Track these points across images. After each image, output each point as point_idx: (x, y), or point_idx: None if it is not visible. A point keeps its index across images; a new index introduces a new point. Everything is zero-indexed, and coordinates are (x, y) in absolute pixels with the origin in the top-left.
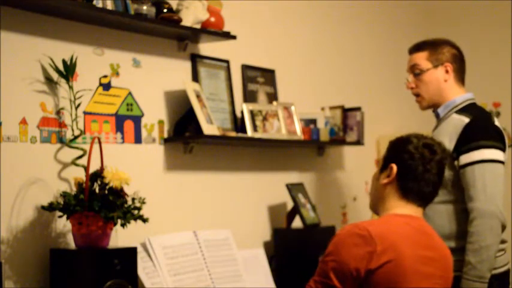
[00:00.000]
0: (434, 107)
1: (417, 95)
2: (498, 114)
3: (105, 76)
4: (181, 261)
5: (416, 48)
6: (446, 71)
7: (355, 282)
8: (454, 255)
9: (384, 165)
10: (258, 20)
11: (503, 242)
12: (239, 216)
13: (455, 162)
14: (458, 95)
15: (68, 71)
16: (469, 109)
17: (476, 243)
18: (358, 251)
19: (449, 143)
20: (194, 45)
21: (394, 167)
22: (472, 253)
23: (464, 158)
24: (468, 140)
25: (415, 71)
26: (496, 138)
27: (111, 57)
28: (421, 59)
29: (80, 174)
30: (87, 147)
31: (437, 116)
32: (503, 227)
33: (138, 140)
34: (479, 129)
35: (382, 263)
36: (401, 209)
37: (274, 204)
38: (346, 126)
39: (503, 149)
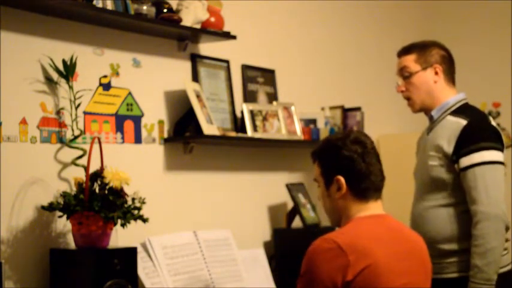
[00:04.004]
0: (426, 109)
1: (408, 99)
2: (498, 114)
3: (105, 76)
4: (181, 261)
5: (404, 51)
6: (436, 73)
7: None
8: (456, 257)
9: (327, 181)
10: (258, 20)
11: (506, 240)
12: (239, 216)
13: (455, 165)
14: (451, 96)
15: (68, 71)
16: (464, 110)
17: (482, 246)
18: (330, 266)
19: (448, 146)
20: (194, 45)
21: (341, 178)
22: (478, 256)
23: (465, 161)
24: (467, 142)
25: (404, 73)
26: (494, 139)
27: (111, 57)
28: (410, 61)
29: (80, 174)
30: (87, 147)
31: (430, 118)
32: (507, 228)
33: (138, 140)
34: (478, 131)
35: (358, 271)
36: (364, 211)
37: (274, 204)
38: (346, 126)
39: (501, 150)
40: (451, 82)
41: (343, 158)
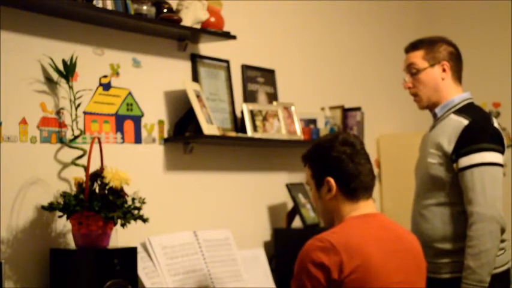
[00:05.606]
0: (432, 106)
1: (415, 95)
2: (498, 114)
3: (105, 76)
4: (181, 261)
5: (412, 47)
6: (444, 70)
7: None
8: (449, 258)
9: (317, 183)
10: (258, 20)
11: (502, 241)
12: (239, 216)
13: (454, 165)
14: (456, 95)
15: (68, 71)
16: (468, 110)
17: (476, 247)
18: (324, 264)
19: (448, 145)
20: (194, 45)
21: (331, 179)
22: (471, 257)
23: (464, 161)
24: (467, 142)
25: (412, 70)
26: (495, 141)
27: (111, 57)
28: (418, 57)
29: (80, 174)
30: (87, 147)
31: (434, 115)
32: (503, 231)
33: (138, 140)
34: (479, 131)
35: (351, 270)
36: (355, 211)
37: (274, 204)
38: (346, 126)
39: (502, 152)
40: (458, 80)
41: (332, 159)
